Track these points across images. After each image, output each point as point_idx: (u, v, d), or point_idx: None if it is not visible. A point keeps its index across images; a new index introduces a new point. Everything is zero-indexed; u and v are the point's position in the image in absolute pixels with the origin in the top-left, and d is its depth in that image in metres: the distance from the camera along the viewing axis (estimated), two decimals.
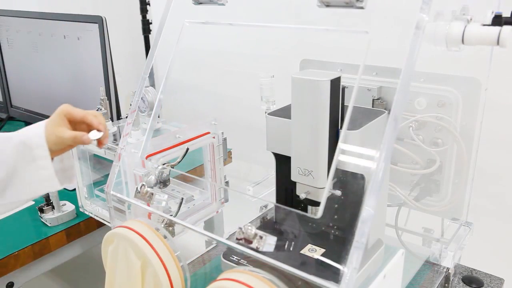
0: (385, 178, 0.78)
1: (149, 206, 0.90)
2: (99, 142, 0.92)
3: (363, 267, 0.77)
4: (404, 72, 0.64)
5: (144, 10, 2.16)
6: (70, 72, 1.69)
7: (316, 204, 0.84)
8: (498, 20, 0.71)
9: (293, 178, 0.83)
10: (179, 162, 0.98)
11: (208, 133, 1.13)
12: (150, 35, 2.21)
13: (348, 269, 0.60)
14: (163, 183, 0.93)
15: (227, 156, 1.23)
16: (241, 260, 0.89)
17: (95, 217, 1.46)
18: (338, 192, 0.80)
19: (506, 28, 0.69)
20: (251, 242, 0.69)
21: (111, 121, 1.46)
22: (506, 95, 1.31)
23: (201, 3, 0.94)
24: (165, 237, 0.86)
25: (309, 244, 0.87)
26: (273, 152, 0.91)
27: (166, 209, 1.01)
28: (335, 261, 0.67)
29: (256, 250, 0.68)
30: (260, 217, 1.16)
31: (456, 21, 0.74)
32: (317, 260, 0.71)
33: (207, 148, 1.12)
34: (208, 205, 1.17)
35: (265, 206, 1.19)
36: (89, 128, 0.92)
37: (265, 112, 0.94)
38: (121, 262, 0.85)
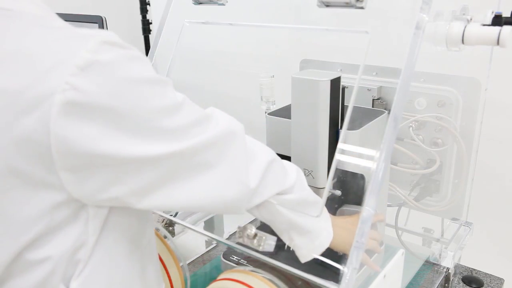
0: (385, 178, 0.78)
1: None
2: None
3: (363, 267, 0.77)
4: (404, 72, 0.64)
5: (144, 10, 2.16)
6: None
7: None
8: (498, 20, 0.71)
9: None
10: None
11: None
12: (150, 35, 2.21)
13: (348, 269, 0.59)
14: None
15: None
16: (241, 260, 0.89)
17: None
18: (338, 192, 0.80)
19: (506, 28, 0.69)
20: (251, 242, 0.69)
21: None
22: (506, 95, 1.30)
23: (201, 3, 0.94)
24: (165, 237, 0.87)
25: None
26: None
27: None
28: (335, 261, 0.67)
29: (256, 250, 0.68)
30: None
31: (456, 21, 0.74)
32: (317, 260, 0.71)
33: None
34: None
35: None
36: None
37: (265, 112, 0.94)
38: None
